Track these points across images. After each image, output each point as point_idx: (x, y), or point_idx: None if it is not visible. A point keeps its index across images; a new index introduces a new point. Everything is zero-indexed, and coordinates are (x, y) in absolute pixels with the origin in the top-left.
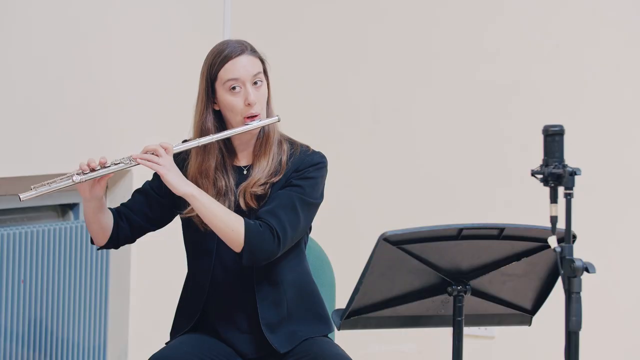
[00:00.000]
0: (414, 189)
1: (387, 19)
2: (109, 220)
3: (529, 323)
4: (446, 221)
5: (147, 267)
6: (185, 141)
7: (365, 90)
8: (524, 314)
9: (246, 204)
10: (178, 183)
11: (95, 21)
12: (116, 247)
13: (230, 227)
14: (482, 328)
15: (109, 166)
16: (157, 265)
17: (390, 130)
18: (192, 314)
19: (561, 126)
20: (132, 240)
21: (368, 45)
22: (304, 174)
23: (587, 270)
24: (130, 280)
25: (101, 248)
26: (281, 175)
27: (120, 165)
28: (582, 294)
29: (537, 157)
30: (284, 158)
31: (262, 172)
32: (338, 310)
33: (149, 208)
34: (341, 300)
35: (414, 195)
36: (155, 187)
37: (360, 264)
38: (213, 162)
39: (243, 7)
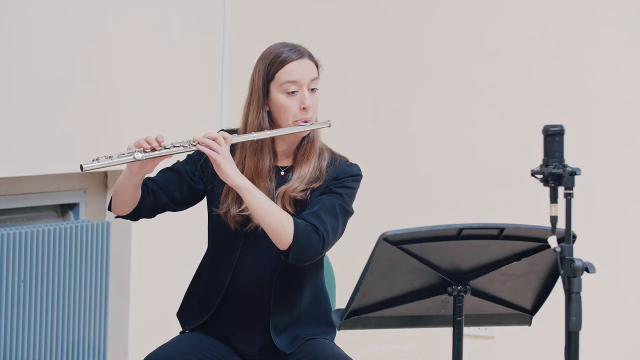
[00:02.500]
0: (414, 189)
1: (387, 19)
2: (139, 195)
3: (529, 323)
4: (446, 221)
5: (147, 267)
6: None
7: (365, 90)
8: (524, 314)
9: (283, 206)
10: (233, 174)
11: (95, 21)
12: (135, 219)
13: (280, 223)
14: (482, 328)
15: (169, 147)
16: (158, 266)
17: (390, 130)
18: (207, 307)
19: (561, 126)
20: (152, 216)
21: (368, 45)
22: (343, 183)
23: (587, 270)
24: (130, 280)
25: (119, 217)
26: (321, 182)
27: (180, 148)
28: (582, 294)
29: (537, 157)
30: (324, 165)
31: (302, 179)
32: (338, 310)
33: (179, 189)
34: (341, 300)
35: (414, 195)
36: (189, 171)
37: (360, 264)
38: (267, 162)
39: (243, 7)
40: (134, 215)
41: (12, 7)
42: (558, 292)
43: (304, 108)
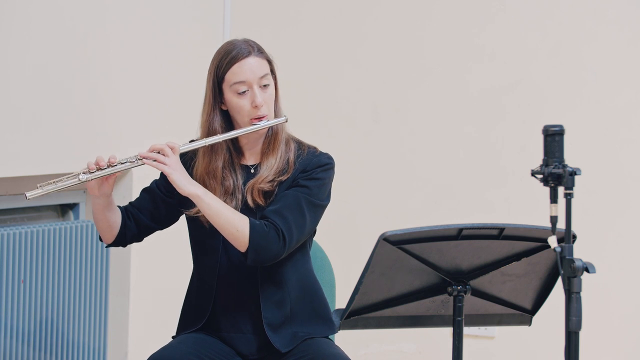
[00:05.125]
0: (414, 189)
1: (387, 19)
2: (117, 218)
3: (529, 323)
4: (446, 221)
5: (147, 267)
6: (192, 141)
7: (365, 90)
8: (524, 314)
9: (254, 200)
10: (183, 183)
11: (95, 21)
12: (124, 246)
13: (235, 226)
14: (482, 328)
15: (116, 165)
16: (157, 265)
17: (390, 131)
18: (201, 312)
19: (561, 126)
20: (140, 239)
21: (368, 45)
22: (311, 175)
23: (587, 270)
24: (130, 280)
25: (109, 246)
26: (289, 175)
27: (127, 164)
28: (582, 294)
29: (537, 157)
30: (292, 157)
31: (269, 170)
32: (338, 310)
33: (155, 206)
34: (341, 300)
35: (414, 195)
36: (162, 186)
37: (360, 264)
38: (221, 162)
39: (243, 7)
40: (120, 242)
41: (12, 7)
42: (558, 292)
43: (255, 106)
